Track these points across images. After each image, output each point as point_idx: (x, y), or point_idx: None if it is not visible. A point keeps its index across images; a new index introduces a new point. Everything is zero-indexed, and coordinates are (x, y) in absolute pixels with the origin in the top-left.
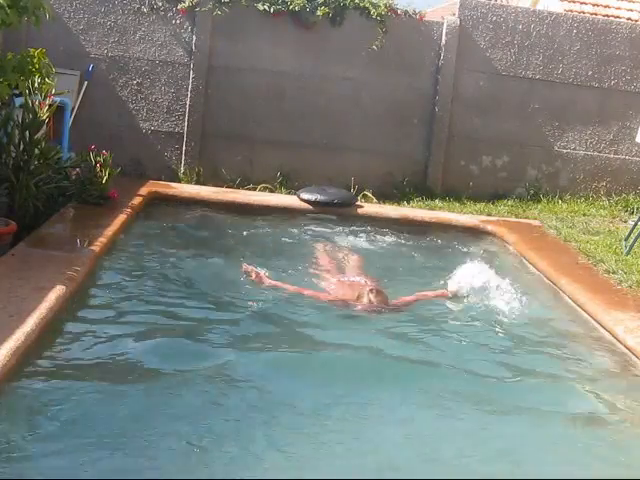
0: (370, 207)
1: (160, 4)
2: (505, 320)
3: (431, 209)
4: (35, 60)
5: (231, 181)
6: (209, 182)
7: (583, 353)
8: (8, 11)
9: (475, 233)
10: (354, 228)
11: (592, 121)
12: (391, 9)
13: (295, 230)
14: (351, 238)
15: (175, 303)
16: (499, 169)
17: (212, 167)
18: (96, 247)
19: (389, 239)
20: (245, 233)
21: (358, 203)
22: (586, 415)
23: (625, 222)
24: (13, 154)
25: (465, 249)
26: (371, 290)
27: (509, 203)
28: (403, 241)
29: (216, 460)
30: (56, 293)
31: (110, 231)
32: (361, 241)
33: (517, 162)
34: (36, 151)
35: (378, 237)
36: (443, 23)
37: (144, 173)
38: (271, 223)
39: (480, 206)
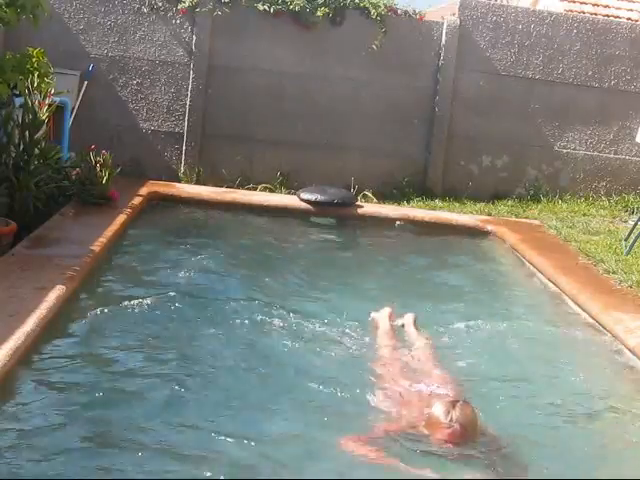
0: (370, 207)
1: (160, 4)
2: (505, 322)
3: (431, 209)
4: (34, 59)
5: (231, 181)
6: (209, 182)
7: (583, 353)
8: (6, 10)
9: (475, 233)
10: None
11: (592, 121)
12: (391, 9)
13: (297, 231)
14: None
15: (175, 303)
16: (499, 169)
17: (212, 167)
18: (96, 247)
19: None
20: (245, 233)
21: (358, 203)
22: (585, 414)
23: (625, 222)
24: (13, 154)
25: (465, 249)
26: (453, 404)
27: (509, 203)
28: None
29: None
30: (56, 293)
31: (110, 231)
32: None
33: (517, 162)
34: (36, 151)
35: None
36: (443, 23)
37: (144, 173)
38: (271, 223)
39: (480, 206)
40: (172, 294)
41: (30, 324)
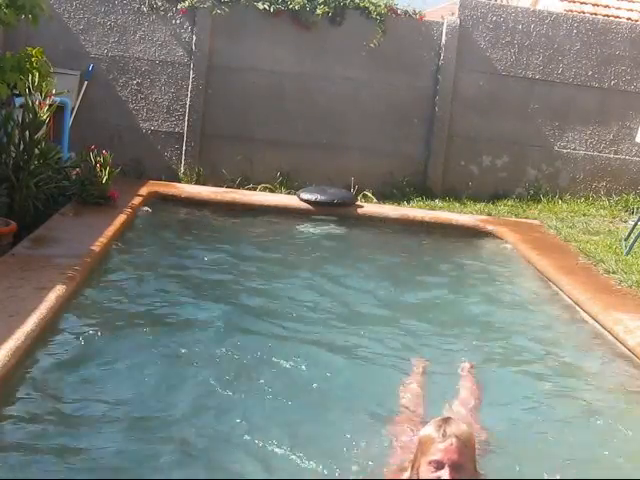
0: (370, 207)
1: (160, 4)
2: (503, 323)
3: (431, 209)
4: (33, 59)
5: (231, 181)
6: (209, 182)
7: (583, 353)
8: (6, 10)
9: (475, 233)
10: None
11: (592, 121)
12: (391, 9)
13: (298, 231)
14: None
15: (176, 303)
16: (499, 169)
17: (212, 167)
18: (96, 247)
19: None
20: (245, 233)
21: (358, 203)
22: (584, 414)
23: (625, 222)
24: (13, 154)
25: (464, 249)
26: (445, 419)
27: (509, 203)
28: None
29: None
30: (56, 293)
31: (110, 231)
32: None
33: (517, 162)
34: (36, 151)
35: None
36: (443, 23)
37: (144, 173)
38: (272, 223)
39: (480, 206)
40: (172, 293)
41: (30, 324)
